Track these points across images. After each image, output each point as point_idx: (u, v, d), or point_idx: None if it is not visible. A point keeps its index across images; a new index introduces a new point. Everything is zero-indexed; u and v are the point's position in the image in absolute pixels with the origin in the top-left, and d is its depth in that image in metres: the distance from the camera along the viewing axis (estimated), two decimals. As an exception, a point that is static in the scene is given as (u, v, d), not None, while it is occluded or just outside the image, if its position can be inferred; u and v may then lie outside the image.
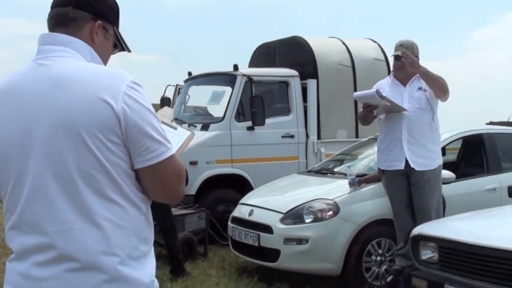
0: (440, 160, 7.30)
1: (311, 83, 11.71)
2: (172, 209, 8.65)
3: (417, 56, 7.31)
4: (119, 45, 2.56)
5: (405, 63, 7.16)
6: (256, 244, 7.78)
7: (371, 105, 7.13)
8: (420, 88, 7.23)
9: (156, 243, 8.24)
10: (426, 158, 7.16)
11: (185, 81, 12.40)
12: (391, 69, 7.70)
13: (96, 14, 2.40)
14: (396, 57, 7.31)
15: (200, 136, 10.51)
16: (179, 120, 11.36)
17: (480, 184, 8.50)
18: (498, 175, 8.65)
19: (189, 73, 12.41)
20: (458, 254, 5.57)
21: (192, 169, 9.90)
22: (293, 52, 12.33)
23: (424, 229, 6.17)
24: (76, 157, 2.17)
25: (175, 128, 2.69)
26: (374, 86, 7.45)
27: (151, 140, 2.25)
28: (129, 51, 2.59)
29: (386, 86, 7.43)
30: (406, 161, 7.16)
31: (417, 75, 7.25)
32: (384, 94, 7.06)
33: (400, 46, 7.33)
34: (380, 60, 12.52)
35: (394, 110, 7.17)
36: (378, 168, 7.58)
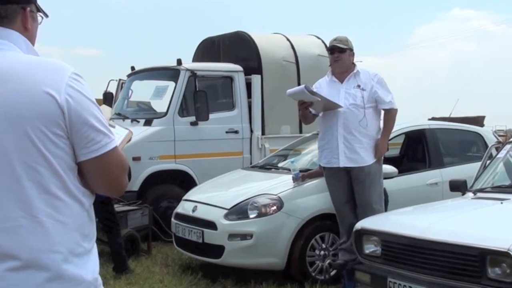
0: (373, 155, 7.32)
1: (255, 79, 11.73)
2: (115, 206, 8.58)
3: (351, 50, 7.41)
4: (42, 16, 2.51)
5: (341, 55, 7.28)
6: (200, 241, 7.76)
7: (306, 102, 7.16)
8: (358, 86, 7.30)
9: (99, 240, 8.17)
10: (363, 154, 7.21)
11: (128, 76, 12.29)
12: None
13: (24, 2, 2.37)
14: (332, 50, 7.40)
15: (143, 131, 10.47)
16: (122, 116, 11.29)
17: (423, 178, 8.65)
18: (440, 170, 8.81)
19: (132, 68, 12.30)
20: (400, 248, 5.65)
21: (135, 165, 9.83)
22: (237, 47, 12.33)
23: (366, 223, 6.25)
24: (19, 151, 2.14)
25: (113, 127, 2.66)
26: (313, 86, 7.51)
27: (95, 131, 2.23)
28: (46, 16, 2.53)
29: (324, 84, 7.50)
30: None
31: (354, 71, 7.36)
32: (314, 89, 7.12)
33: (334, 40, 7.42)
34: (324, 56, 12.52)
35: (330, 107, 7.21)
36: (319, 164, 7.63)
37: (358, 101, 7.22)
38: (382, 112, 7.45)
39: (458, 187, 6.98)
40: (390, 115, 7.43)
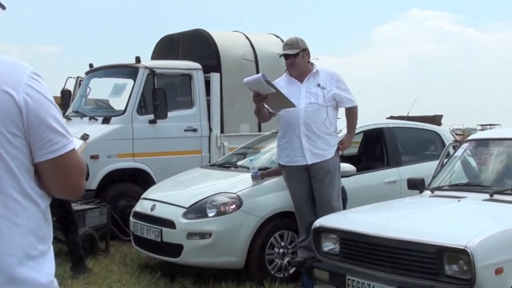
0: (334, 148, 7.34)
1: (214, 77, 11.71)
2: (72, 204, 8.51)
3: (305, 50, 7.39)
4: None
5: (295, 60, 7.29)
6: (159, 239, 7.73)
7: (260, 95, 7.04)
8: (318, 85, 7.31)
9: (56, 240, 8.11)
10: (324, 149, 7.24)
11: (86, 73, 12.16)
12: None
13: None
14: (285, 57, 7.39)
15: (101, 129, 10.41)
16: (79, 113, 11.21)
17: (381, 177, 8.73)
18: (398, 168, 8.90)
19: (90, 65, 12.19)
20: (359, 245, 5.70)
21: (93, 163, 9.74)
22: (197, 45, 12.30)
23: (325, 221, 6.29)
24: None
25: None
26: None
27: (53, 132, 2.19)
28: (4, 8, 2.50)
29: (282, 83, 7.44)
30: (306, 156, 7.24)
31: (314, 70, 7.37)
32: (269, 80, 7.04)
33: (285, 45, 7.40)
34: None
35: (283, 105, 7.16)
36: (278, 163, 7.65)
37: (320, 100, 7.24)
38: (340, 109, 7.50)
39: (416, 185, 7.05)
40: (353, 112, 7.49)
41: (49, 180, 2.25)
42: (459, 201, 6.12)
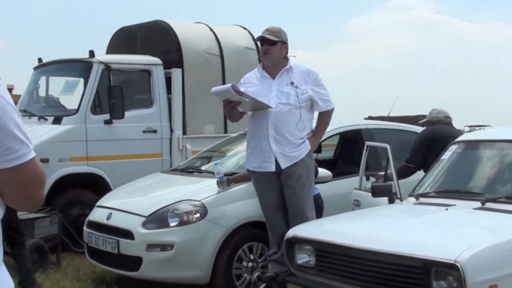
0: (307, 148, 7.25)
1: (176, 73, 11.66)
2: (19, 213, 8.36)
3: (285, 43, 7.35)
4: None
5: (271, 48, 7.22)
6: (115, 251, 7.67)
7: (232, 101, 7.04)
8: (291, 84, 7.22)
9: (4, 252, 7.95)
10: (293, 152, 7.16)
11: (35, 69, 12.04)
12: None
13: None
14: (261, 42, 7.33)
15: (52, 130, 10.34)
16: (28, 113, 11.07)
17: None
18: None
19: (39, 60, 12.06)
20: (336, 258, 5.65)
21: (43, 168, 9.58)
22: (156, 38, 12.26)
23: (299, 230, 6.22)
24: None
25: None
26: (241, 80, 7.45)
27: (14, 139, 2.15)
28: None
29: (254, 79, 7.39)
30: (276, 162, 7.15)
31: (287, 66, 7.29)
32: (242, 89, 7.01)
33: (266, 31, 7.34)
34: (251, 48, 12.57)
35: (259, 108, 7.13)
36: (247, 168, 7.57)
37: (292, 100, 7.13)
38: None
39: (383, 192, 6.96)
40: (328, 114, 7.42)
41: (6, 189, 2.23)
42: (447, 209, 6.06)
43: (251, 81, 7.29)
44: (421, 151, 8.52)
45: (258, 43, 7.55)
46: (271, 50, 7.25)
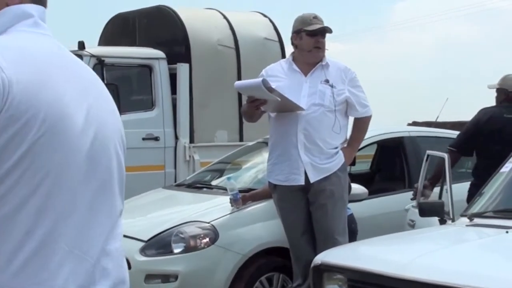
0: (340, 160, 7.27)
1: (182, 68, 11.70)
2: None
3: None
4: None
5: (324, 42, 7.26)
6: (109, 282, 7.66)
7: (258, 99, 7.03)
8: (326, 81, 7.21)
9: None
10: (325, 164, 7.16)
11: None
12: (293, 50, 7.57)
13: None
14: (322, 32, 7.30)
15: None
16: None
17: (400, 201, 8.66)
18: (422, 190, 8.86)
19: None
20: (372, 290, 5.66)
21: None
22: (159, 27, 12.32)
23: (329, 256, 6.21)
24: None
25: None
26: (263, 71, 7.43)
27: None
28: None
29: (280, 72, 7.36)
30: (306, 174, 7.16)
31: (323, 62, 7.26)
32: (273, 86, 6.94)
33: (315, 18, 7.30)
34: (272, 40, 12.61)
35: (287, 109, 7.13)
36: (269, 182, 7.58)
37: (327, 101, 7.12)
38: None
39: (434, 211, 6.94)
40: (365, 122, 7.46)
41: None
42: (507, 232, 6.06)
43: (277, 75, 7.27)
44: (469, 134, 8.48)
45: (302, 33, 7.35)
46: (324, 43, 7.29)
